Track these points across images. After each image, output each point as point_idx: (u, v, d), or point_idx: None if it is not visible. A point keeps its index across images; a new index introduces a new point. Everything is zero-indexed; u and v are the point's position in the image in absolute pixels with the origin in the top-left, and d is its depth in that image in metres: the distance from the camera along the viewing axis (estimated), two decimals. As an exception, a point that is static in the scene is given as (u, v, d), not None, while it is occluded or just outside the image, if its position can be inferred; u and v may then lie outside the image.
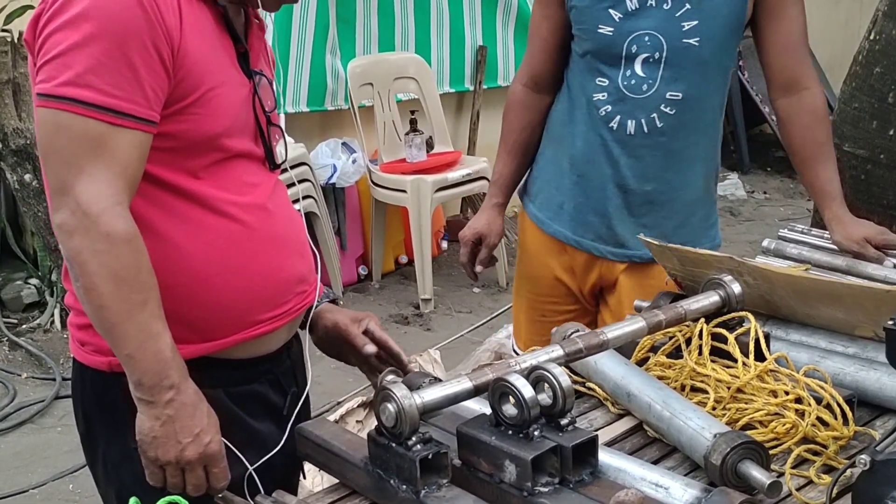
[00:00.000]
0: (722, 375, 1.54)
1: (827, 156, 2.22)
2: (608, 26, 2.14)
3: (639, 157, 2.19)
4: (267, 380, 1.64)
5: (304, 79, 4.86)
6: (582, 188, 2.26)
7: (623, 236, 2.26)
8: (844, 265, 2.10)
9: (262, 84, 1.57)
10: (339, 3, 4.93)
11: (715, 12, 2.11)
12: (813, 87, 2.22)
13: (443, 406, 1.32)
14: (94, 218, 1.37)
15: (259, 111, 1.56)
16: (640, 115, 2.16)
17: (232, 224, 1.52)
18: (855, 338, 1.67)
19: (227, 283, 1.52)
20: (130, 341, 1.40)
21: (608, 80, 2.17)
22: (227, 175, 1.52)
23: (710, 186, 2.31)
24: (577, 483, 1.24)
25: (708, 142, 2.25)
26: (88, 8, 1.35)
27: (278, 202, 1.60)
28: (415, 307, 4.82)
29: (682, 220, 2.26)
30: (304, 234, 1.67)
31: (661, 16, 2.11)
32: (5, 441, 3.62)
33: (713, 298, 1.63)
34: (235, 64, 1.53)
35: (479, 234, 2.41)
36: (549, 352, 1.43)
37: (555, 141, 2.33)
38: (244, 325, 1.55)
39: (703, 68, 2.15)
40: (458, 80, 5.54)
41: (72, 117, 1.37)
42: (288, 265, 1.60)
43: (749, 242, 5.52)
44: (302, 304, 1.64)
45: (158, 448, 1.44)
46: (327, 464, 1.41)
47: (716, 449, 1.32)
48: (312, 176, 4.61)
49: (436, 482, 1.25)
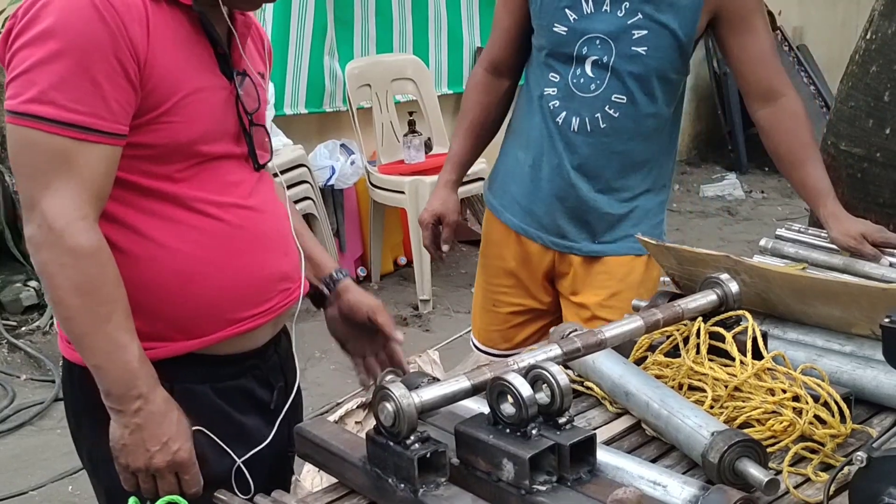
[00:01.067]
0: (719, 374, 1.54)
1: (814, 155, 2.25)
2: (563, 26, 2.21)
3: (580, 154, 2.26)
4: (253, 375, 1.66)
5: (302, 80, 4.86)
6: (532, 178, 2.33)
7: (564, 228, 2.33)
8: (841, 264, 2.10)
9: (245, 84, 1.58)
10: (337, 4, 4.93)
11: (665, 25, 2.16)
12: (789, 93, 2.25)
13: (441, 405, 1.32)
14: (59, 232, 1.40)
15: (242, 112, 1.57)
16: (584, 114, 2.23)
17: (212, 223, 1.53)
18: (852, 336, 1.67)
19: (208, 281, 1.53)
20: (98, 352, 1.44)
21: (559, 76, 2.24)
22: (207, 176, 1.53)
23: (654, 188, 2.35)
24: (575, 481, 1.24)
25: (652, 149, 2.29)
26: (52, 25, 1.38)
27: (261, 200, 1.61)
28: (413, 308, 4.83)
29: (621, 218, 2.31)
30: (290, 231, 1.68)
31: (613, 21, 2.17)
32: (4, 443, 3.62)
33: (710, 297, 1.63)
34: (214, 67, 1.54)
35: (436, 215, 2.48)
36: (547, 351, 1.44)
37: (514, 132, 2.42)
38: (227, 322, 1.57)
39: (650, 77, 2.20)
40: (456, 82, 5.55)
41: (36, 133, 1.39)
42: (270, 263, 1.61)
43: (747, 242, 5.53)
44: (286, 302, 1.65)
45: (129, 455, 1.47)
46: (326, 463, 1.42)
47: (713, 447, 1.32)
48: (311, 178, 4.62)
49: (434, 481, 1.25)
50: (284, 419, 1.66)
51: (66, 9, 1.38)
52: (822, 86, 7.23)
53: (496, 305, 2.50)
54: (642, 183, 2.32)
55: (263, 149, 1.64)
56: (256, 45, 1.69)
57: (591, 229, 2.32)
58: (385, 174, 4.86)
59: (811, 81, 7.27)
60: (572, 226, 2.32)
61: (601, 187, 2.29)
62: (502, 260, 2.45)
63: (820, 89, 7.21)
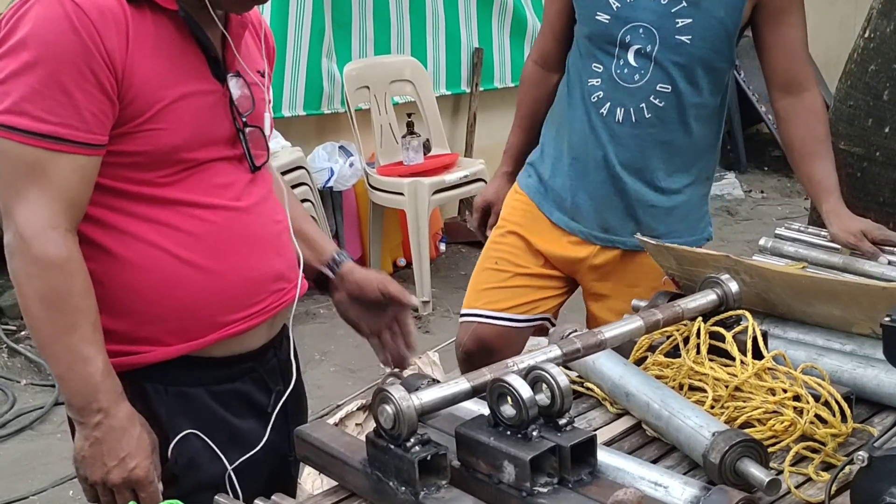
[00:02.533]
0: (720, 374, 1.54)
1: (826, 152, 2.25)
2: (605, 14, 2.20)
3: (625, 145, 2.25)
4: (250, 378, 1.65)
5: (300, 82, 4.86)
6: (576, 172, 2.33)
7: (609, 222, 2.32)
8: (841, 263, 2.10)
9: (239, 85, 1.57)
10: (335, 6, 4.93)
11: (710, 13, 2.14)
12: (813, 89, 2.27)
13: (441, 407, 1.32)
14: (28, 242, 1.41)
15: (236, 114, 1.56)
16: (629, 104, 2.22)
17: (199, 226, 1.53)
18: (852, 335, 1.67)
19: (196, 284, 1.53)
20: (60, 363, 1.45)
21: (602, 67, 2.23)
22: (194, 179, 1.53)
23: (699, 180, 2.34)
24: (576, 483, 1.24)
25: (698, 139, 2.28)
26: (26, 36, 1.38)
27: (253, 201, 1.60)
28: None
29: (667, 211, 2.31)
30: (287, 231, 1.67)
31: (656, 10, 2.16)
32: (5, 448, 3.62)
33: (710, 297, 1.63)
34: (205, 71, 1.53)
35: (488, 202, 2.57)
36: (546, 352, 1.43)
37: (555, 125, 2.41)
38: (218, 325, 1.56)
39: (694, 66, 2.19)
40: (454, 83, 5.54)
41: (9, 144, 1.40)
42: (262, 264, 1.60)
43: (746, 242, 5.52)
44: (280, 303, 1.64)
45: (87, 467, 1.48)
46: (326, 466, 1.41)
47: (714, 447, 1.32)
48: (309, 179, 4.61)
49: (435, 483, 1.25)
50: (287, 423, 1.65)
51: (39, 20, 1.38)
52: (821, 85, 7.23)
53: (498, 264, 2.46)
54: (687, 175, 2.31)
55: (261, 148, 1.64)
56: (257, 41, 1.68)
57: (638, 222, 2.31)
58: (384, 176, 4.86)
59: (810, 80, 7.27)
60: (618, 219, 2.31)
61: (647, 180, 2.28)
62: (518, 227, 2.43)
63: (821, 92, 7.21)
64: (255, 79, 1.61)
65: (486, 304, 2.45)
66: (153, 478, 1.49)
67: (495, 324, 2.43)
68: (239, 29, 1.59)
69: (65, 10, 1.38)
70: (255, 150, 1.61)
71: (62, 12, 1.38)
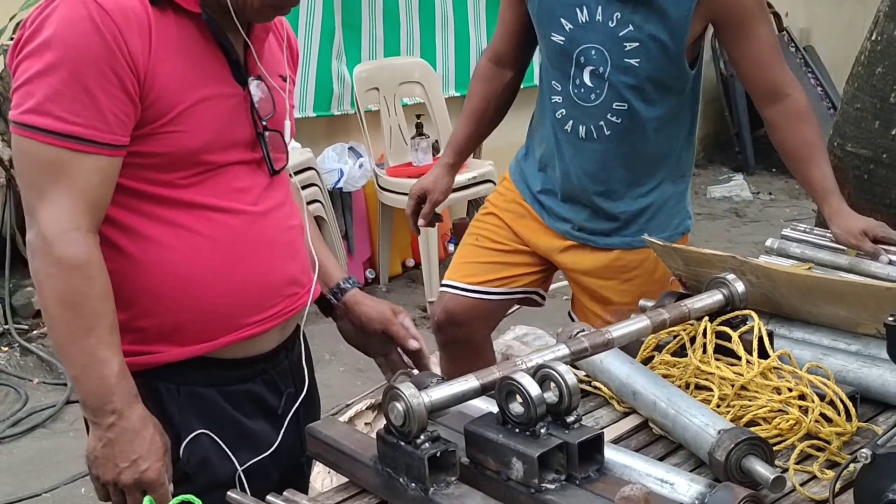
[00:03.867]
0: (726, 373, 1.56)
1: (819, 153, 2.26)
2: (560, 35, 2.24)
3: (589, 159, 2.30)
4: (262, 380, 1.66)
5: (310, 84, 4.88)
6: (548, 176, 2.40)
7: (581, 223, 2.38)
8: (847, 263, 2.11)
9: (260, 89, 1.57)
10: (345, 8, 4.95)
11: (655, 37, 2.16)
12: (794, 93, 2.27)
13: (450, 405, 1.33)
14: (50, 242, 1.42)
15: (256, 118, 1.57)
16: (589, 122, 2.26)
17: (216, 228, 1.53)
18: (857, 335, 1.68)
19: (211, 286, 1.54)
20: (75, 364, 1.45)
21: (560, 86, 2.28)
22: (212, 182, 1.53)
23: (668, 182, 2.37)
24: (583, 479, 1.26)
25: (661, 145, 2.32)
26: (51, 37, 1.40)
27: (270, 205, 1.61)
28: (422, 310, 4.84)
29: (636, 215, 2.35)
30: (301, 235, 1.68)
31: (606, 32, 2.18)
32: (18, 446, 3.64)
33: (717, 297, 1.64)
34: (226, 74, 1.53)
35: (424, 190, 2.55)
36: (555, 350, 1.45)
37: (535, 126, 2.47)
38: (232, 327, 1.57)
39: (645, 85, 2.22)
40: (463, 84, 5.55)
41: (33, 143, 1.41)
42: (276, 268, 1.61)
43: (755, 243, 5.52)
44: (293, 307, 1.65)
45: (99, 468, 1.48)
46: (337, 463, 1.43)
47: (720, 445, 1.34)
48: (319, 181, 4.63)
49: (444, 480, 1.27)
50: (299, 425, 1.65)
51: (63, 21, 1.40)
52: (830, 87, 7.22)
53: (478, 240, 2.52)
54: (653, 179, 2.34)
55: (280, 152, 1.64)
56: (280, 45, 1.68)
57: (608, 225, 2.36)
58: (393, 177, 4.87)
59: (818, 83, 7.26)
60: (589, 222, 2.37)
61: (613, 189, 2.32)
62: (502, 211, 2.50)
63: (827, 90, 7.20)
64: (276, 83, 1.62)
65: (461, 276, 2.51)
66: (164, 480, 1.50)
67: (468, 296, 2.49)
68: (262, 33, 1.59)
69: (88, 11, 1.39)
70: (275, 154, 1.62)
71: (86, 13, 1.39)
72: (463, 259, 2.54)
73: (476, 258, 2.51)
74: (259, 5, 1.50)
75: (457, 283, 2.51)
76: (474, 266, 2.51)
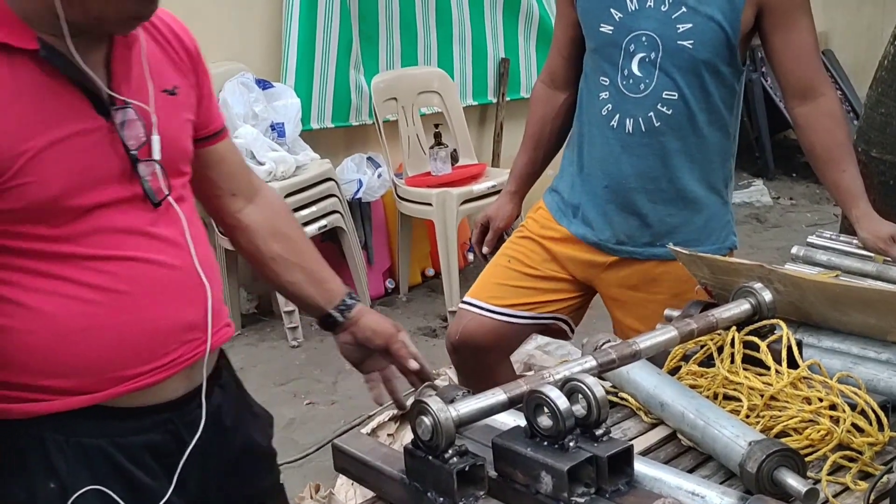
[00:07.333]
0: (755, 383, 1.54)
1: (849, 156, 2.24)
2: (609, 25, 2.23)
3: (638, 155, 2.26)
4: (167, 430, 1.52)
5: (328, 95, 4.89)
6: (590, 184, 2.35)
7: (624, 233, 2.34)
8: (874, 271, 2.09)
9: (126, 115, 1.42)
10: (362, 19, 4.96)
11: (709, 17, 2.16)
12: (828, 93, 2.25)
13: (478, 418, 1.33)
14: None
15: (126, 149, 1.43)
16: (637, 114, 2.23)
17: (95, 278, 1.41)
18: (888, 343, 1.67)
19: (90, 339, 1.42)
20: None
21: (608, 80, 2.26)
22: (87, 228, 1.41)
23: (717, 188, 2.34)
24: (613, 493, 1.24)
25: (711, 145, 2.29)
26: None
27: (160, 245, 1.47)
28: (442, 319, 4.83)
29: (686, 219, 2.31)
30: (210, 271, 1.53)
31: (658, 17, 2.18)
32: None
33: (744, 307, 1.63)
34: (84, 108, 1.39)
35: (487, 218, 2.58)
36: (582, 363, 1.44)
37: (572, 142, 2.44)
38: (119, 379, 1.45)
39: (698, 70, 2.20)
40: (481, 93, 5.56)
41: None
42: (168, 314, 1.48)
43: (776, 249, 5.49)
44: (195, 353, 1.52)
45: None
46: (363, 477, 1.43)
47: (751, 457, 1.32)
48: (338, 191, 4.64)
49: (473, 494, 1.26)
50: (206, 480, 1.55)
51: None
52: (850, 91, 7.18)
53: (510, 262, 2.47)
54: (702, 183, 2.30)
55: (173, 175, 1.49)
56: (166, 53, 1.53)
57: (654, 233, 2.32)
58: (412, 186, 4.87)
59: (838, 86, 7.22)
60: (632, 231, 2.33)
61: (661, 189, 2.29)
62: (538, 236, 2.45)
63: (847, 94, 7.16)
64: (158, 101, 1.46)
65: (487, 297, 2.45)
66: None
67: (491, 317, 2.43)
68: (125, 51, 1.44)
69: None
70: (155, 185, 1.46)
71: None
72: (492, 279, 2.48)
73: (506, 280, 2.45)
74: (116, 18, 1.37)
75: (482, 302, 2.45)
76: (503, 288, 2.45)
